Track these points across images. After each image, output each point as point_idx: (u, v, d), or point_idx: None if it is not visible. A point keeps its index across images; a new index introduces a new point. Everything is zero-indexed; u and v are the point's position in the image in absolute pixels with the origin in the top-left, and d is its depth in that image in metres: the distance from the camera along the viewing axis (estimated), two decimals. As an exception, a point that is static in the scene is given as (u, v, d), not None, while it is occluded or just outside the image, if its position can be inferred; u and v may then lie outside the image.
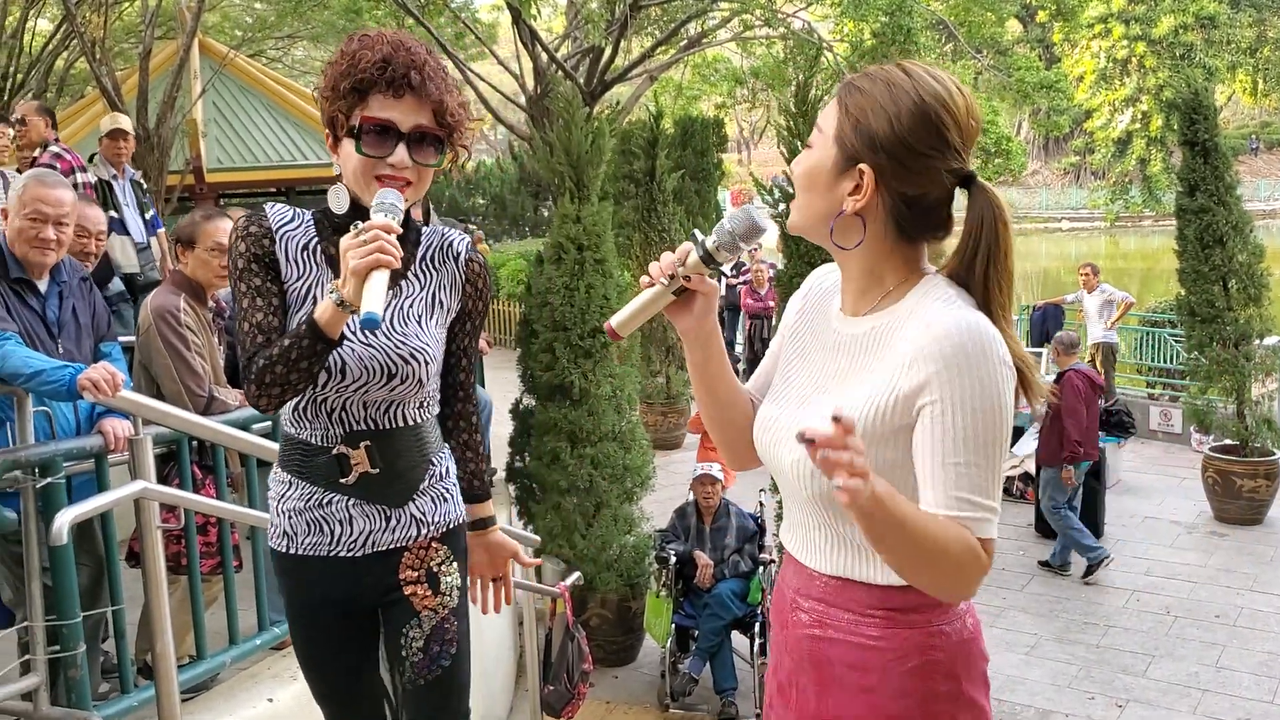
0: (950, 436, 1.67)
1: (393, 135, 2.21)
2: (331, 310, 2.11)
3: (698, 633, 6.78)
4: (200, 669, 3.96)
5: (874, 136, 1.74)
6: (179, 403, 4.04)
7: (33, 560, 3.42)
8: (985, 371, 1.67)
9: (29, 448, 3.44)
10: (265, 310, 2.28)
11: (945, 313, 1.72)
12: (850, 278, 1.88)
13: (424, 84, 2.22)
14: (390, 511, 2.39)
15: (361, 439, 2.34)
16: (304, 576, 2.43)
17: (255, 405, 2.24)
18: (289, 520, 2.41)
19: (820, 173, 1.80)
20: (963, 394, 1.66)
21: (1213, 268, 9.56)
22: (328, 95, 2.24)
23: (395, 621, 2.45)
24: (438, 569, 2.45)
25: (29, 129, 6.71)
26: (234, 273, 2.32)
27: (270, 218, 2.33)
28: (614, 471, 7.06)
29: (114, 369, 3.42)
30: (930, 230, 1.82)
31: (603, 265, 7.07)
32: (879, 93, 1.75)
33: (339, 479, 2.35)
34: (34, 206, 3.74)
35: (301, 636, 2.51)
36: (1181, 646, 7.23)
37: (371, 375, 2.29)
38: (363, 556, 2.40)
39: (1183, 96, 9.78)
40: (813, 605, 1.88)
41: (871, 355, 1.79)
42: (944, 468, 1.68)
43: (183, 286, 4.30)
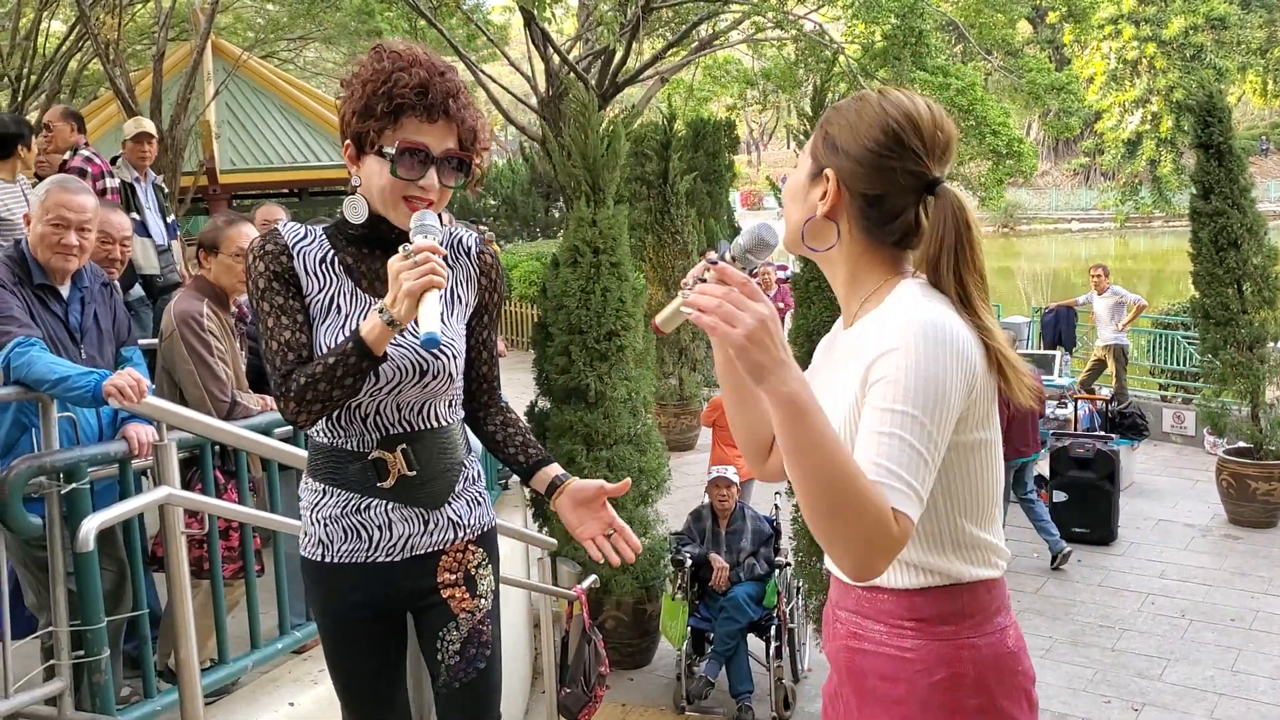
0: (883, 408, 1.70)
1: (425, 159, 2.26)
2: (381, 328, 2.15)
3: (713, 636, 6.78)
4: (222, 673, 3.97)
5: (837, 143, 1.88)
6: (202, 408, 4.05)
7: (57, 565, 3.43)
8: (931, 357, 1.70)
9: (54, 453, 3.45)
10: (292, 327, 2.31)
11: (909, 306, 1.79)
12: (837, 288, 1.97)
13: (458, 112, 2.28)
14: (428, 514, 2.43)
15: (397, 442, 2.37)
16: (339, 584, 2.45)
17: (293, 422, 2.27)
18: (325, 528, 2.43)
19: (798, 185, 1.96)
20: (905, 372, 1.70)
21: (1227, 270, 9.53)
22: (358, 112, 2.26)
23: (431, 625, 2.47)
24: (475, 571, 2.49)
25: (54, 134, 6.74)
26: (255, 292, 2.35)
27: (285, 235, 2.37)
28: (629, 474, 7.06)
29: (139, 375, 3.44)
30: (899, 234, 1.89)
31: (618, 269, 7.07)
32: (849, 110, 1.91)
33: (377, 483, 2.38)
34: (57, 212, 3.76)
35: (331, 641, 2.53)
36: (1197, 650, 7.21)
37: (405, 374, 2.32)
38: (401, 560, 2.43)
39: (1197, 99, 9.75)
40: (848, 616, 1.91)
41: (854, 358, 1.83)
42: (872, 435, 1.69)
43: (205, 292, 4.31)
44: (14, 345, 3.48)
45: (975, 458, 1.81)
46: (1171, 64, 44.93)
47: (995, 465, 1.85)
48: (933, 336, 1.72)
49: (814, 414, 1.57)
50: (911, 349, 1.71)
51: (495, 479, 7.40)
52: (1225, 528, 9.71)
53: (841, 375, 1.87)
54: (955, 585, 1.82)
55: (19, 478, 3.23)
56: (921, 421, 1.68)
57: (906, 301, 1.81)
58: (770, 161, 65.83)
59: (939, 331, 1.73)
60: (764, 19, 18.61)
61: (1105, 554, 9.10)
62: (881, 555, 1.61)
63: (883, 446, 1.67)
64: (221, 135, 14.97)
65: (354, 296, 2.36)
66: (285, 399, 2.25)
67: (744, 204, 45.90)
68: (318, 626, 2.56)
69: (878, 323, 1.82)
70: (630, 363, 7.13)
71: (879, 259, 1.90)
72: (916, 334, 1.72)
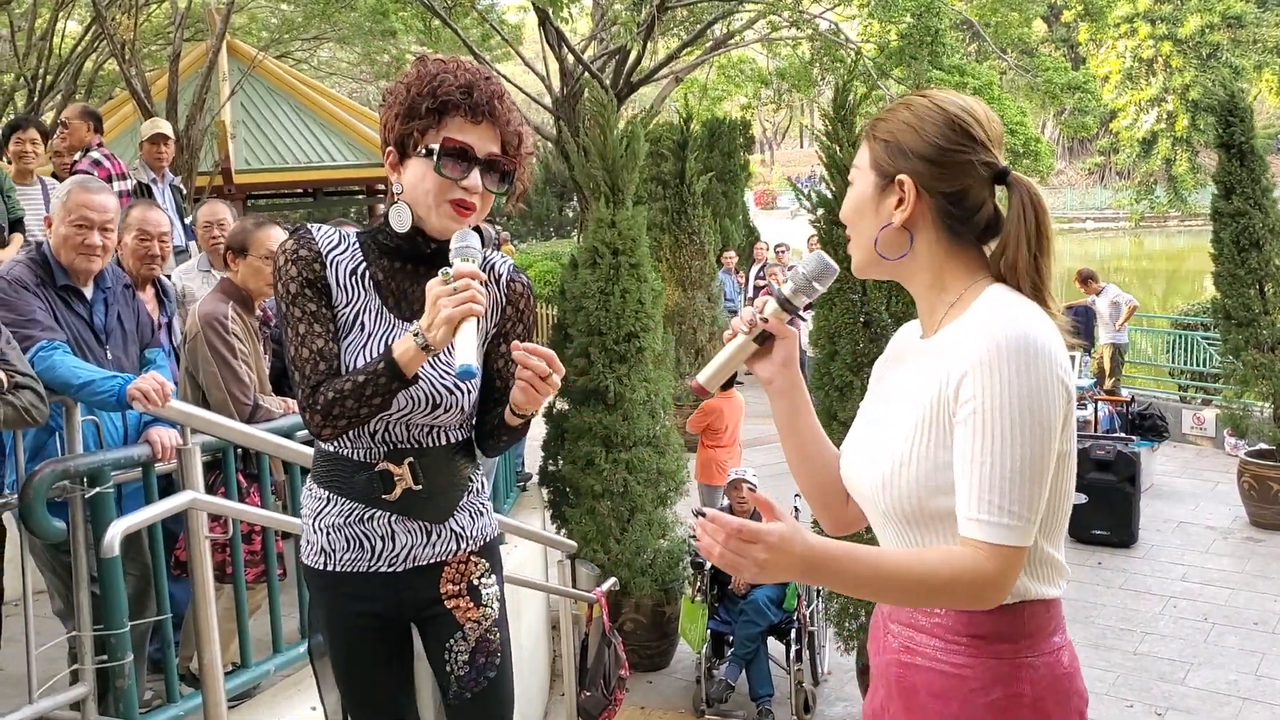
0: (982, 440, 1.66)
1: (469, 159, 2.23)
2: (415, 352, 2.13)
3: (733, 639, 6.75)
4: (244, 677, 3.96)
5: (905, 148, 1.83)
6: (224, 410, 4.04)
7: (81, 570, 3.41)
8: (1027, 373, 1.66)
9: (78, 457, 3.43)
10: (325, 336, 2.27)
11: (997, 317, 1.72)
12: (919, 297, 1.91)
13: (503, 114, 2.26)
14: (431, 527, 2.39)
15: (405, 456, 2.34)
16: (341, 592, 2.42)
17: (317, 435, 2.26)
18: (326, 537, 2.40)
19: (864, 200, 1.89)
20: (1000, 394, 1.66)
21: (1249, 271, 9.47)
22: (401, 114, 2.24)
23: (438, 637, 2.45)
24: (478, 582, 2.46)
25: (70, 132, 6.73)
26: (285, 296, 2.29)
27: (318, 241, 2.32)
28: (648, 476, 7.05)
29: (163, 379, 3.42)
30: (981, 229, 1.86)
31: (638, 270, 7.05)
32: (902, 115, 1.86)
33: (382, 495, 2.35)
34: (79, 213, 3.74)
35: (337, 650, 2.50)
36: (1220, 654, 7.16)
37: (416, 405, 2.29)
38: (403, 571, 2.39)
39: (1218, 98, 9.69)
40: (901, 629, 1.87)
41: (933, 360, 1.80)
42: (973, 465, 1.67)
43: (231, 294, 4.30)
44: (38, 349, 3.46)
45: (1057, 471, 1.73)
46: (1187, 62, 44.69)
47: (1071, 478, 1.79)
48: (1027, 351, 1.67)
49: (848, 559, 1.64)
50: (1005, 367, 1.66)
51: (514, 481, 7.39)
52: (1247, 530, 9.64)
53: (915, 384, 1.81)
54: (1019, 603, 1.77)
55: (43, 482, 3.21)
56: (1025, 444, 1.65)
57: (994, 311, 1.74)
58: (784, 160, 65.75)
59: (1032, 345, 1.67)
60: (780, 18, 18.55)
61: (1126, 556, 9.04)
62: (993, 597, 1.68)
63: (985, 478, 1.65)
64: (236, 135, 14.96)
65: (380, 315, 2.32)
66: (312, 411, 2.23)
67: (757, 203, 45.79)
68: (324, 637, 2.52)
69: (962, 333, 1.76)
70: (649, 364, 7.11)
71: (964, 260, 1.85)
72: (1009, 350, 1.67)
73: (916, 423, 1.77)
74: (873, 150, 1.87)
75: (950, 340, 1.78)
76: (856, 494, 1.94)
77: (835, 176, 5.88)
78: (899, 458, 1.78)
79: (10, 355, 3.19)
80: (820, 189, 6.41)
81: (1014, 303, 1.76)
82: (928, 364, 1.81)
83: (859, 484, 1.91)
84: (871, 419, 1.94)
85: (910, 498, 1.77)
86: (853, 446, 1.96)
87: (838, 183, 5.91)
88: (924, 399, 1.77)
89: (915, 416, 1.77)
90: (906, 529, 1.81)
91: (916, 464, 1.75)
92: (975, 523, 1.66)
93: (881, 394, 1.96)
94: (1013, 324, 1.70)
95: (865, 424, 1.96)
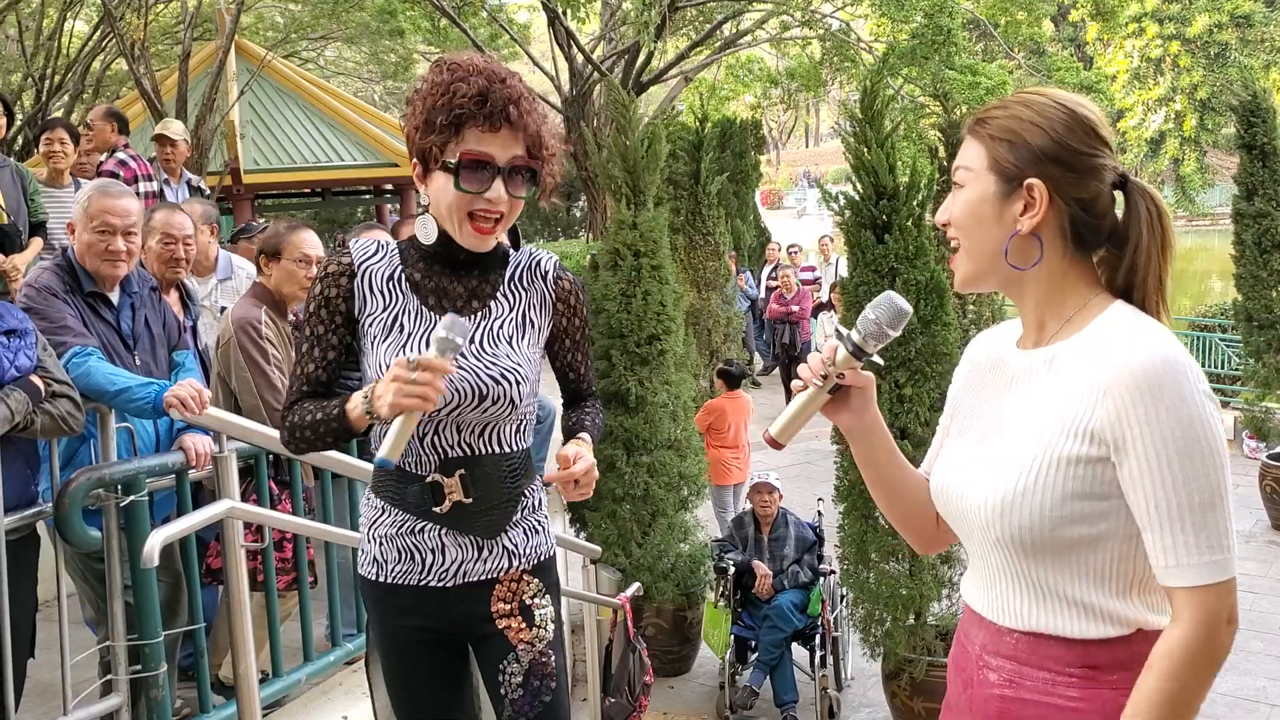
0: (1160, 481, 1.59)
1: (490, 170, 2.18)
2: (360, 414, 2.17)
3: (757, 644, 6.69)
4: (276, 686, 3.93)
5: (1034, 149, 1.70)
6: (256, 416, 4.00)
7: (115, 579, 3.37)
8: (1188, 410, 1.59)
9: (113, 465, 3.40)
10: (318, 362, 2.32)
11: (1140, 342, 1.63)
12: (1029, 310, 1.80)
13: (521, 118, 2.20)
14: (482, 542, 2.35)
15: (456, 467, 2.30)
16: (394, 604, 2.40)
17: (285, 447, 2.34)
18: (379, 547, 2.38)
19: (984, 204, 1.75)
20: (1170, 432, 1.58)
21: (1271, 273, 9.43)
22: (420, 128, 2.20)
23: (491, 658, 2.40)
24: (531, 601, 2.41)
25: (95, 134, 6.70)
26: (305, 311, 2.36)
27: (353, 253, 2.32)
28: (669, 479, 6.99)
29: (200, 386, 3.38)
30: (1107, 239, 1.76)
31: (659, 272, 6.99)
32: (1021, 113, 1.74)
33: (432, 507, 2.32)
34: (101, 219, 3.69)
35: (390, 664, 2.48)
36: (1246, 660, 7.09)
37: (463, 397, 2.25)
38: (453, 587, 2.36)
39: (1241, 99, 9.64)
40: (1003, 664, 1.77)
41: (1054, 381, 1.71)
42: (1159, 516, 1.60)
43: (264, 299, 4.25)
44: (71, 355, 3.42)
45: None
46: (1195, 62, 44.57)
47: None
48: (1178, 376, 1.59)
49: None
50: (1164, 398, 1.58)
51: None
52: (1269, 534, 9.56)
53: (1032, 407, 1.73)
54: (1134, 632, 1.69)
55: (78, 490, 3.18)
56: (1203, 473, 1.58)
57: (1130, 335, 1.65)
58: (789, 160, 65.71)
59: (1181, 369, 1.60)
60: (790, 17, 18.49)
61: (1147, 560, 8.96)
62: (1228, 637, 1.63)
63: (1176, 519, 1.59)
64: (245, 135, 14.93)
65: (418, 315, 2.30)
66: (281, 426, 2.34)
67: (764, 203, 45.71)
68: (378, 651, 2.51)
69: (1090, 355, 1.67)
70: (671, 367, 7.05)
71: (1082, 271, 1.76)
72: (1163, 380, 1.59)
73: (1041, 450, 1.67)
74: (991, 151, 1.74)
75: (1071, 360, 1.70)
76: (956, 519, 1.85)
77: (863, 178, 5.82)
78: (1019, 486, 1.68)
79: (48, 363, 3.15)
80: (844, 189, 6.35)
81: (1146, 324, 1.68)
82: (1045, 384, 1.72)
83: (961, 510, 1.81)
84: (974, 439, 1.84)
85: (1034, 528, 1.67)
86: (951, 469, 1.86)
87: (864, 184, 5.84)
88: (1048, 425, 1.68)
89: (1038, 443, 1.68)
90: (1022, 557, 1.72)
91: (1041, 493, 1.66)
92: (1179, 569, 1.60)
93: (992, 412, 1.83)
94: (1158, 350, 1.62)
95: (966, 445, 1.86)
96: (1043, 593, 1.72)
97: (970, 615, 1.88)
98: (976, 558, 1.84)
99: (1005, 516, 1.69)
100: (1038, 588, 1.73)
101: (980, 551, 1.82)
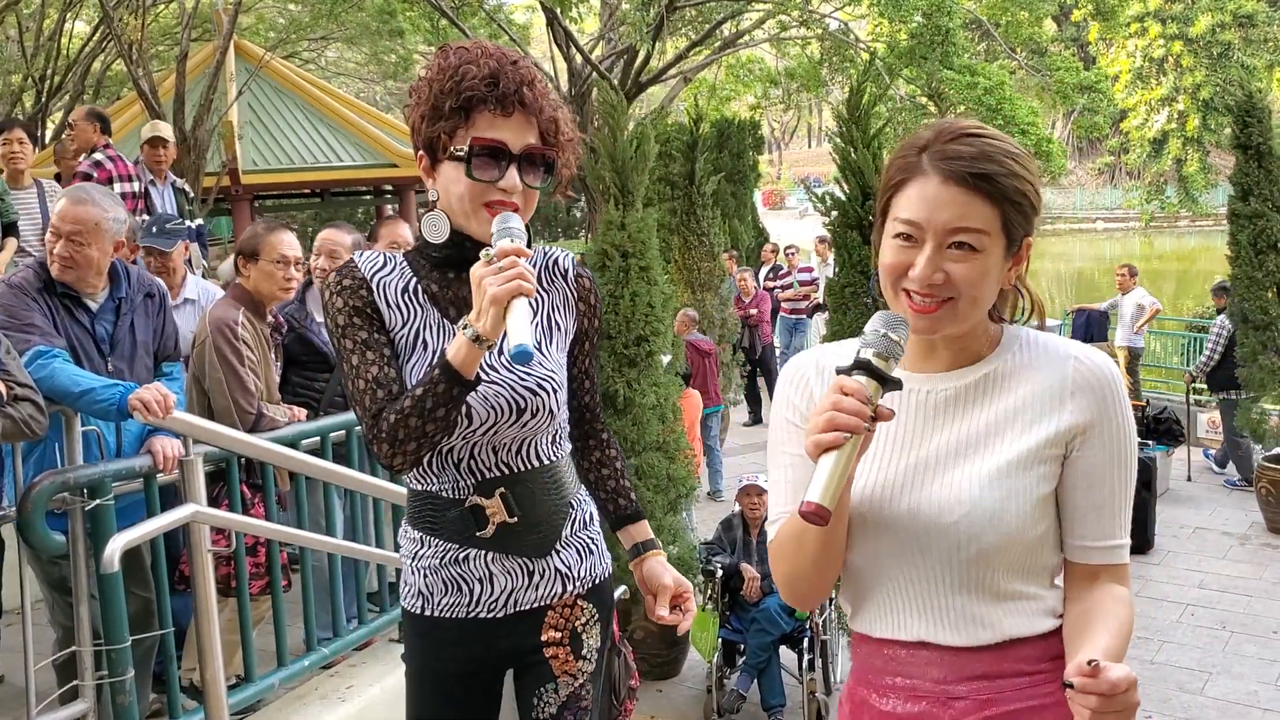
0: (1116, 470, 1.73)
1: (504, 157, 2.04)
2: (467, 348, 1.93)
3: (745, 648, 6.66)
4: (249, 691, 3.90)
5: (1032, 208, 1.71)
6: (227, 418, 3.96)
7: (81, 583, 3.35)
8: (1128, 404, 1.76)
9: (78, 469, 3.37)
10: (380, 362, 2.08)
11: (1081, 348, 1.77)
12: (958, 337, 1.75)
13: (535, 101, 2.05)
14: (533, 564, 2.20)
15: (495, 486, 2.15)
16: (440, 638, 2.24)
17: (389, 465, 2.06)
18: (424, 579, 2.22)
19: (996, 269, 1.70)
20: (1126, 428, 1.73)
21: (1266, 274, 9.39)
22: (426, 115, 2.06)
23: (530, 682, 2.26)
24: (582, 630, 2.27)
25: (77, 134, 6.69)
26: (335, 331, 2.13)
27: (362, 267, 2.15)
28: (658, 482, 6.94)
29: (166, 390, 3.34)
30: None
31: (647, 273, 6.95)
32: (1018, 170, 1.68)
33: (475, 533, 2.16)
34: (53, 222, 3.69)
35: (422, 696, 2.30)
36: (1239, 663, 7.05)
37: (500, 414, 2.10)
38: (504, 617, 2.21)
39: (1236, 99, 9.60)
40: (973, 688, 1.73)
41: (1004, 397, 1.75)
42: (1125, 504, 1.75)
43: (242, 300, 4.22)
44: (34, 354, 3.38)
45: None
46: (1198, 62, 44.52)
47: None
48: (1119, 375, 1.74)
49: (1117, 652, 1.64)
50: (1120, 396, 1.72)
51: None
52: (1264, 536, 9.52)
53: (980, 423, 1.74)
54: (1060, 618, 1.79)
55: (41, 494, 3.15)
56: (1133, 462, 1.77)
57: (1060, 342, 1.78)
58: (791, 160, 65.65)
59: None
60: (789, 17, 18.46)
61: (1142, 563, 8.92)
62: None
63: (1119, 504, 1.74)
64: (244, 136, 14.92)
65: (441, 329, 2.13)
66: (378, 441, 2.02)
67: (765, 204, 45.71)
68: (411, 680, 2.32)
69: (1024, 361, 1.76)
70: (659, 369, 7.01)
71: None
72: (1115, 375, 1.73)
73: (1016, 459, 1.71)
74: (1004, 214, 1.67)
75: (1014, 376, 1.76)
76: (913, 540, 1.73)
77: (849, 178, 5.79)
78: (1001, 499, 1.69)
79: (10, 366, 3.12)
80: (832, 190, 6.33)
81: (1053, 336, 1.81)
82: (995, 401, 1.75)
83: (923, 536, 1.72)
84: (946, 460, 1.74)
85: (1013, 535, 1.70)
86: (902, 498, 1.75)
87: (851, 184, 5.81)
88: (1016, 436, 1.72)
89: (1011, 454, 1.71)
90: (987, 570, 1.71)
91: (1020, 499, 1.70)
92: (1120, 548, 1.75)
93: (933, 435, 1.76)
94: (1098, 353, 1.76)
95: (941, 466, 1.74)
96: (1007, 598, 1.74)
97: (908, 655, 1.79)
98: (929, 587, 1.75)
99: (993, 525, 1.69)
100: (1001, 595, 1.73)
101: (941, 577, 1.74)
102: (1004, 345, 1.77)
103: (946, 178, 1.65)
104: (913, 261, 1.66)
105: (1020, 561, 1.72)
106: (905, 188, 1.70)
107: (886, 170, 1.76)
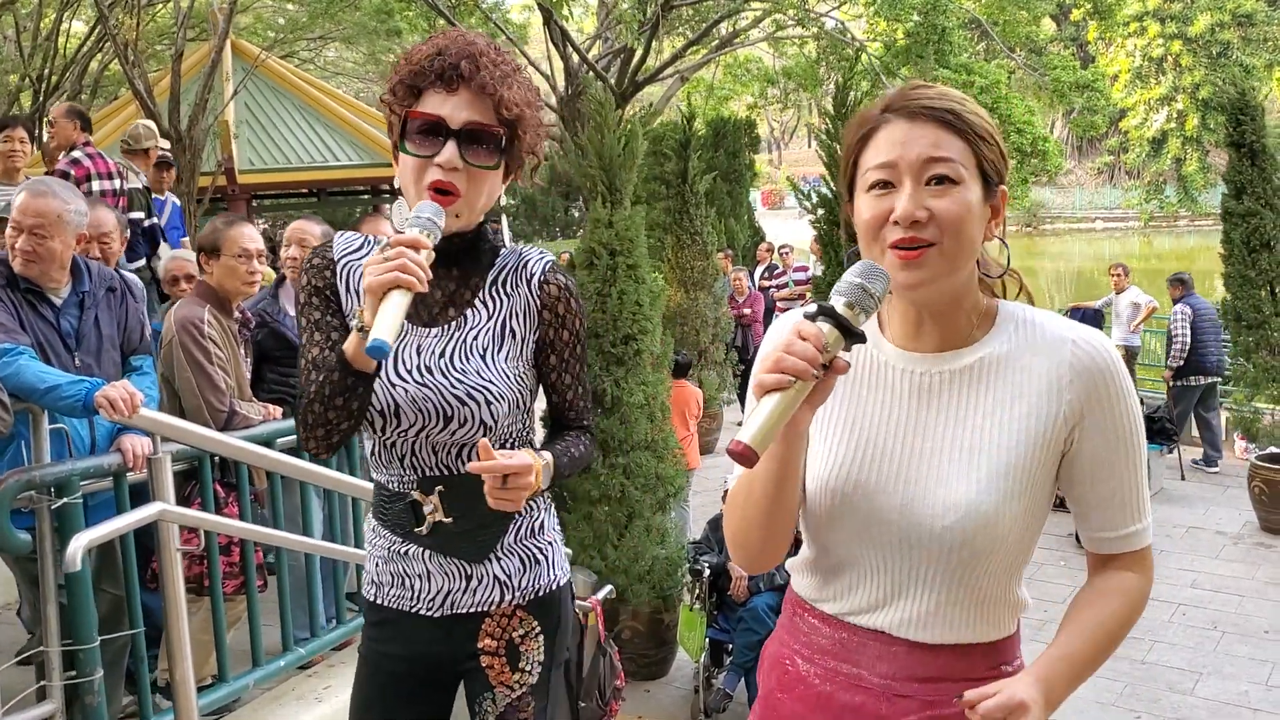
0: (1127, 453, 1.67)
1: (442, 132, 1.96)
2: (355, 339, 1.88)
3: (732, 647, 6.64)
4: (223, 691, 3.87)
5: (1001, 155, 1.65)
6: (199, 417, 3.93)
7: (48, 583, 3.32)
8: (1131, 387, 1.68)
9: (44, 467, 3.34)
10: (323, 344, 2.06)
11: (1079, 330, 1.68)
12: (949, 310, 1.69)
13: (477, 73, 1.96)
14: (470, 568, 2.15)
15: (435, 485, 2.11)
16: (386, 628, 2.23)
17: (305, 448, 2.03)
18: (376, 568, 2.22)
19: (976, 205, 1.61)
20: (1134, 410, 1.67)
21: (1260, 272, 9.36)
22: (387, 99, 2.04)
23: (472, 690, 2.22)
24: (520, 641, 2.19)
25: (57, 131, 6.67)
26: (298, 306, 2.14)
27: (335, 247, 2.13)
28: (646, 481, 6.92)
29: (133, 387, 3.31)
30: None
31: (635, 271, 6.92)
32: (983, 114, 1.66)
33: (414, 527, 2.14)
34: (14, 216, 3.65)
35: (366, 685, 2.27)
36: (1230, 664, 7.01)
37: (428, 419, 2.06)
38: (441, 618, 2.17)
39: (1229, 97, 9.57)
40: (925, 687, 1.70)
41: (1000, 386, 1.67)
42: (1125, 485, 1.69)
43: (207, 297, 4.19)
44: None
45: None
46: (1197, 61, 44.46)
47: None
48: (1119, 357, 1.69)
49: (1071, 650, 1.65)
50: (1124, 378, 1.66)
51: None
52: (1257, 535, 9.48)
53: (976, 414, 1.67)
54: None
55: (7, 492, 3.12)
56: (1143, 445, 1.72)
57: (1056, 322, 1.69)
58: (791, 160, 65.61)
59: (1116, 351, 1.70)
60: (785, 17, 18.44)
61: (1134, 562, 8.88)
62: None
63: (1136, 487, 1.70)
64: (240, 135, 14.88)
65: None
66: (299, 424, 2.02)
67: (764, 203, 45.68)
68: (359, 660, 2.30)
69: (1022, 344, 1.67)
70: (647, 367, 6.98)
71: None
72: (1116, 359, 1.67)
73: (1016, 459, 1.64)
74: (977, 150, 1.61)
75: (1008, 361, 1.67)
76: (885, 538, 1.69)
77: (835, 176, 5.76)
78: (999, 498, 1.63)
79: None
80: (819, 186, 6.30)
81: (1051, 315, 1.73)
82: (990, 391, 1.67)
83: (902, 529, 1.68)
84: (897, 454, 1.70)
85: (1010, 534, 1.65)
86: (881, 486, 1.70)
87: (838, 182, 5.78)
88: (1017, 431, 1.65)
89: (1013, 452, 1.64)
90: (972, 571, 1.66)
91: (1018, 500, 1.64)
92: (1140, 533, 1.72)
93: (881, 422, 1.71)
94: (1097, 334, 1.68)
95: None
96: (984, 600, 1.71)
97: (858, 643, 1.75)
98: (895, 578, 1.71)
99: (983, 534, 1.64)
100: (981, 597, 1.70)
101: (913, 575, 1.70)
102: (998, 326, 1.69)
103: (914, 116, 1.62)
104: (892, 206, 1.59)
105: (1005, 563, 1.68)
106: (872, 138, 1.65)
107: (847, 136, 1.70)
